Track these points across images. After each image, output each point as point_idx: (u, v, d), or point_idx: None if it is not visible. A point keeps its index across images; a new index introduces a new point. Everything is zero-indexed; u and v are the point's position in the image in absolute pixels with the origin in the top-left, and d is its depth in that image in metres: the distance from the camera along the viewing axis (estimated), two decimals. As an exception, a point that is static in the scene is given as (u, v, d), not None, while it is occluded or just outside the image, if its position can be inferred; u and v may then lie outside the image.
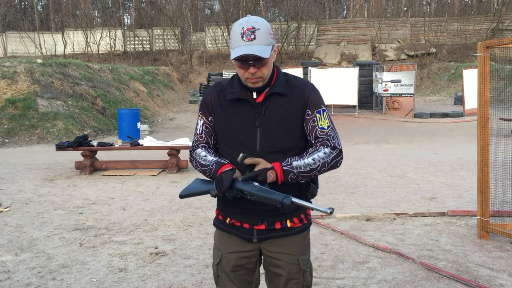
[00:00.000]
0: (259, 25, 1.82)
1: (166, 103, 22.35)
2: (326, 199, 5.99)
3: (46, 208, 5.87)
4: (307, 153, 1.90)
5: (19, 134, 12.99)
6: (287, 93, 1.93)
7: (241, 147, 1.91)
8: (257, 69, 1.84)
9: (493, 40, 4.36)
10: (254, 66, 1.82)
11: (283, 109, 1.92)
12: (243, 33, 1.80)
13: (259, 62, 1.82)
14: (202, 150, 2.02)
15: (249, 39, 1.80)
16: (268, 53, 1.81)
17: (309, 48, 31.71)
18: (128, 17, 46.10)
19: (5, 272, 3.84)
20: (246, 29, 1.81)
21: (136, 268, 3.86)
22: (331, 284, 3.48)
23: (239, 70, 1.87)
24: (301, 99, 1.94)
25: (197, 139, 2.06)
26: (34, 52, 32.07)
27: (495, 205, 4.63)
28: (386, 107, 19.17)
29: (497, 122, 5.79)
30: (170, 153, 8.17)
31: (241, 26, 1.82)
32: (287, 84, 1.96)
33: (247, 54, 1.79)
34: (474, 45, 28.23)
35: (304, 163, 1.85)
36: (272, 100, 1.93)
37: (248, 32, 1.80)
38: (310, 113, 1.93)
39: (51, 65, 16.35)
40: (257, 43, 1.80)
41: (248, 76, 1.86)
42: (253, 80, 1.87)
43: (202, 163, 1.96)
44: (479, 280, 3.50)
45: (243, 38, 1.80)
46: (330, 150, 1.89)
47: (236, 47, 1.82)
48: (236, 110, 1.94)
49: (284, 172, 1.82)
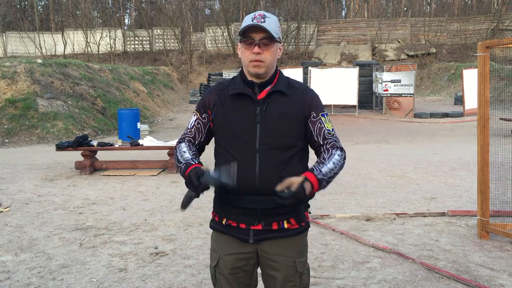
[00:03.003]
0: (270, 15, 1.92)
1: (166, 103, 22.35)
2: (326, 199, 5.99)
3: (46, 208, 5.87)
4: (325, 158, 1.93)
5: (19, 134, 13.00)
6: (288, 93, 1.96)
7: (240, 142, 1.92)
8: (262, 52, 1.88)
9: (493, 40, 4.36)
10: (259, 47, 1.87)
11: (284, 107, 1.94)
12: (254, 17, 1.89)
13: (265, 45, 1.87)
14: (185, 144, 2.06)
15: (259, 21, 1.87)
16: (275, 35, 1.87)
17: (309, 48, 31.71)
18: (128, 17, 46.15)
19: (5, 272, 3.84)
20: (258, 15, 1.90)
21: (136, 268, 3.86)
22: (331, 284, 3.48)
23: (244, 52, 1.92)
24: (302, 100, 1.97)
25: (185, 132, 2.11)
26: (34, 52, 32.09)
27: (495, 205, 4.63)
28: (386, 107, 19.17)
29: (497, 122, 5.79)
30: (170, 153, 8.17)
31: (253, 14, 1.92)
32: (288, 85, 2.00)
33: (254, 25, 1.85)
34: (474, 45, 28.23)
35: (329, 168, 1.89)
36: (274, 97, 1.95)
37: (259, 17, 1.89)
38: (315, 115, 1.97)
39: (51, 65, 16.35)
40: (266, 25, 1.87)
41: (252, 58, 1.89)
42: (256, 63, 1.89)
43: (179, 158, 2.00)
44: (479, 280, 3.50)
45: (253, 20, 1.88)
46: (340, 152, 1.96)
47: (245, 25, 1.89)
48: (237, 105, 1.95)
49: (319, 181, 1.84)
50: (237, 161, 1.88)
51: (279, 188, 1.79)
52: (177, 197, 6.34)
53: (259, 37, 1.87)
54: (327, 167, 1.88)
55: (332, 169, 1.89)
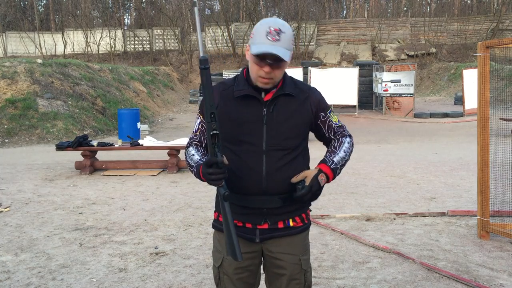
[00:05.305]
0: (286, 29, 1.83)
1: (166, 103, 22.35)
2: (326, 199, 6.00)
3: (46, 208, 5.87)
4: (336, 147, 2.02)
5: (19, 134, 13.00)
6: (295, 94, 1.96)
7: (246, 144, 1.91)
8: (272, 70, 1.84)
9: (493, 40, 4.36)
10: (270, 66, 1.83)
11: (291, 109, 1.94)
12: (269, 32, 1.80)
13: (277, 64, 1.83)
14: (193, 148, 2.04)
15: (274, 40, 1.79)
16: (288, 57, 1.81)
17: (309, 48, 31.71)
18: (128, 17, 46.14)
19: (5, 272, 3.84)
20: (273, 29, 1.80)
21: (136, 268, 3.86)
22: (331, 284, 3.48)
23: (254, 66, 1.86)
24: (308, 101, 1.98)
25: (192, 136, 2.10)
26: (34, 52, 32.08)
27: (495, 205, 4.63)
28: (386, 107, 19.17)
29: (497, 122, 5.78)
30: (170, 153, 8.17)
31: (268, 25, 1.82)
32: (295, 86, 2.00)
33: (270, 53, 1.78)
34: (474, 45, 28.22)
35: (340, 157, 1.98)
36: (281, 99, 1.94)
37: (274, 32, 1.80)
38: (324, 115, 2.04)
39: (51, 65, 16.35)
40: (280, 45, 1.80)
41: (261, 75, 1.85)
42: (265, 80, 1.87)
43: (189, 162, 2.00)
44: (479, 280, 3.50)
45: (267, 36, 1.79)
46: (349, 139, 2.07)
47: (259, 43, 1.81)
48: (243, 107, 1.93)
49: (333, 171, 1.93)
50: (244, 162, 1.91)
51: (294, 180, 1.89)
52: (177, 197, 6.34)
53: (272, 59, 1.81)
54: (338, 156, 1.98)
55: (343, 157, 1.99)
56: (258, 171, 1.90)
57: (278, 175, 1.91)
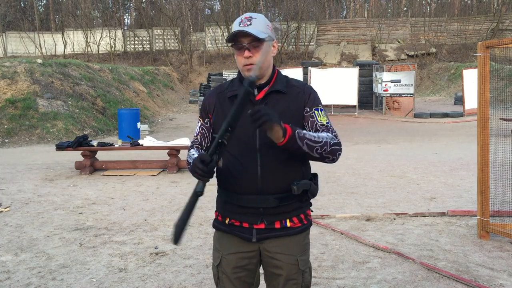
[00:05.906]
0: (257, 16, 1.92)
1: (166, 103, 22.35)
2: (326, 199, 6.00)
3: (46, 208, 5.87)
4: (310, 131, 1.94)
5: (19, 134, 13.00)
6: (287, 92, 1.97)
7: (240, 143, 1.92)
8: (252, 54, 1.89)
9: (493, 40, 4.36)
10: (248, 50, 1.88)
11: (283, 106, 1.94)
12: (241, 21, 1.91)
13: (254, 47, 1.88)
14: (194, 150, 2.08)
15: (245, 25, 1.88)
16: (262, 36, 1.86)
17: (309, 48, 31.71)
18: (128, 17, 46.14)
19: (5, 272, 3.84)
20: (244, 18, 1.91)
21: (136, 268, 3.86)
22: (331, 284, 3.48)
23: (237, 58, 1.94)
24: (301, 97, 1.98)
25: (193, 140, 2.13)
26: (34, 52, 32.08)
27: (495, 205, 4.63)
28: (386, 107, 19.17)
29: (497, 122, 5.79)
30: (170, 153, 8.17)
31: (241, 17, 1.93)
32: (287, 84, 2.00)
33: (241, 31, 1.86)
34: (474, 45, 28.23)
35: (310, 134, 1.84)
36: (272, 97, 1.96)
37: (245, 20, 1.90)
38: (308, 110, 1.97)
39: (51, 65, 16.35)
40: (252, 27, 1.87)
41: (244, 62, 1.91)
42: (248, 67, 1.90)
43: (189, 161, 2.02)
44: (479, 280, 3.50)
45: (240, 25, 1.89)
46: (332, 136, 1.91)
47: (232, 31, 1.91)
48: None
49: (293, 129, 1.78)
50: (239, 161, 1.91)
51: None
52: (177, 197, 6.34)
53: (247, 41, 1.88)
54: (308, 133, 1.84)
55: (314, 136, 1.84)
56: (253, 170, 1.91)
57: (273, 173, 1.91)
